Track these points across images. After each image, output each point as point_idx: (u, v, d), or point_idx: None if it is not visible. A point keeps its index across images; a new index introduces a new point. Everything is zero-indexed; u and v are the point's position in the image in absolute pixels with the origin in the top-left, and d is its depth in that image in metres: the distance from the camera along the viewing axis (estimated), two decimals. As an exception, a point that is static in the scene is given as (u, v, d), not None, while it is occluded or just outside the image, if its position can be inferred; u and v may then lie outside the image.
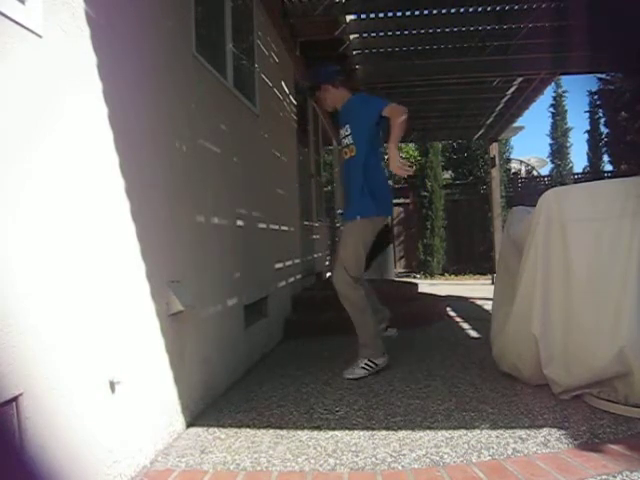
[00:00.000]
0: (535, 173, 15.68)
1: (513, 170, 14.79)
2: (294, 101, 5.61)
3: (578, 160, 43.55)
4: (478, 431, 2.16)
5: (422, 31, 5.63)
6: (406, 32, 5.68)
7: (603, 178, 12.30)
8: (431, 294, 6.52)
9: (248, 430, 2.30)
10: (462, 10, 5.26)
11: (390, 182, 10.74)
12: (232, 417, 2.49)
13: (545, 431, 2.12)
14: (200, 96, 2.80)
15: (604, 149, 15.38)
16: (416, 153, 14.15)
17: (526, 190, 13.06)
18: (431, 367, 3.28)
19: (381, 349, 3.18)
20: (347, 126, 3.26)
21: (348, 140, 3.24)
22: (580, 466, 1.78)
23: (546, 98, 17.13)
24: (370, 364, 3.11)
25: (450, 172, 14.43)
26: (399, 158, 3.01)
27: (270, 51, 4.56)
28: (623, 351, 2.24)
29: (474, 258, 12.30)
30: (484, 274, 10.83)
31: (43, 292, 1.47)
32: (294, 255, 5.25)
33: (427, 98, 7.76)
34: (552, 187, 2.93)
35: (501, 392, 2.68)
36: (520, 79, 6.89)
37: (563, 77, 12.18)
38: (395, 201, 10.81)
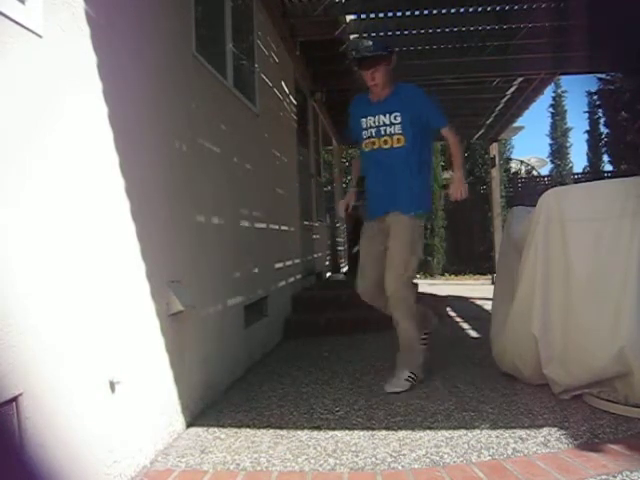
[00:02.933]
0: (535, 173, 15.68)
1: (513, 170, 14.79)
2: (294, 101, 5.61)
3: (578, 160, 43.47)
4: (478, 431, 2.16)
5: (422, 31, 5.63)
6: (406, 32, 5.68)
7: (603, 178, 12.30)
8: (431, 294, 6.52)
9: (248, 430, 2.30)
10: (462, 10, 5.27)
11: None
12: (232, 417, 2.48)
13: (545, 431, 2.12)
14: (200, 96, 2.80)
15: (604, 149, 15.38)
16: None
17: (526, 190, 13.06)
18: (431, 367, 3.27)
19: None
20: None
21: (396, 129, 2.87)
22: (580, 466, 1.78)
23: (546, 98, 17.16)
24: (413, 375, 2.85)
25: (450, 172, 14.43)
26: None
27: (270, 51, 4.56)
28: (623, 351, 2.24)
29: (474, 258, 12.30)
30: (484, 274, 10.82)
31: (43, 292, 1.47)
32: (294, 255, 5.25)
33: (427, 98, 7.75)
34: (552, 187, 2.92)
35: (501, 392, 2.68)
36: (520, 79, 6.89)
37: (563, 77, 12.19)
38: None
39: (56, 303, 1.52)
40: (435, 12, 5.30)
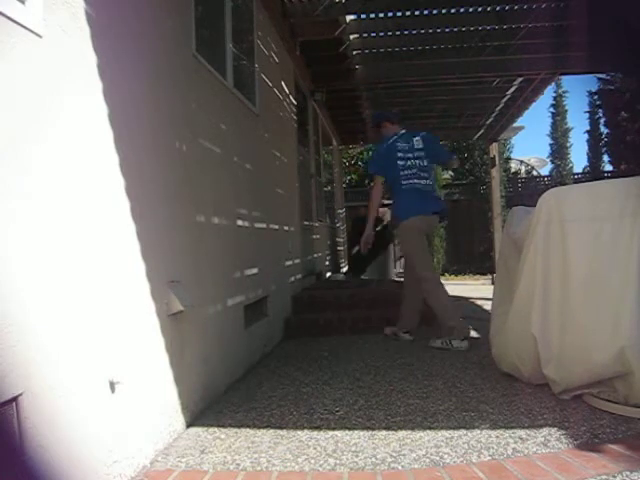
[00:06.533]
0: (535, 173, 15.66)
1: (513, 170, 14.78)
2: (294, 101, 5.61)
3: (578, 160, 43.43)
4: (478, 431, 2.16)
5: (422, 31, 5.63)
6: (406, 32, 5.68)
7: (603, 178, 12.27)
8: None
9: (248, 430, 2.30)
10: (462, 10, 5.27)
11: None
12: (232, 417, 2.49)
13: (545, 431, 2.12)
14: (200, 96, 2.80)
15: (604, 149, 15.33)
16: (416, 153, 14.12)
17: (526, 190, 13.05)
18: (431, 367, 3.28)
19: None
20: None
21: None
22: (580, 466, 1.78)
23: (546, 98, 17.09)
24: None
25: (450, 172, 14.42)
26: None
27: (270, 51, 4.56)
28: (623, 351, 2.23)
29: (474, 258, 12.30)
30: (484, 274, 10.83)
31: (43, 292, 1.47)
32: (294, 255, 5.24)
33: (427, 98, 7.76)
34: (552, 187, 2.92)
35: (501, 392, 2.68)
36: (520, 79, 6.89)
37: (563, 77, 12.16)
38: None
39: (56, 303, 1.52)
40: (435, 12, 5.31)
